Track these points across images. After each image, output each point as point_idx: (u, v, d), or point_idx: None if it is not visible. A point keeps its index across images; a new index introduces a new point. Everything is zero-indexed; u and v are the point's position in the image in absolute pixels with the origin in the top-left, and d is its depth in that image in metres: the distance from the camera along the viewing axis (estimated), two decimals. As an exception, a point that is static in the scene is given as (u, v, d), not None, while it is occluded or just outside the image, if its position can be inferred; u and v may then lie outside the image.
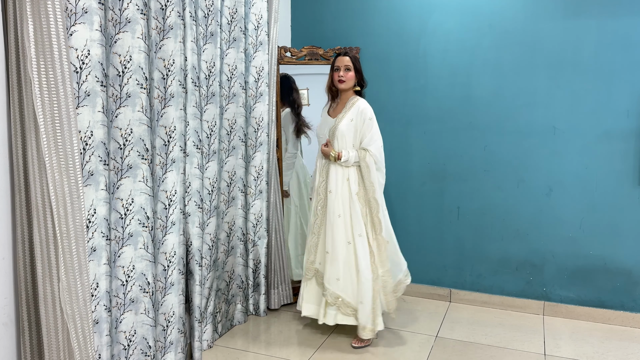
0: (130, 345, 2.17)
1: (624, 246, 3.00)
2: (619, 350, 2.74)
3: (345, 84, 2.68)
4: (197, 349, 2.53)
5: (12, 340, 1.80)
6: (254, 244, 3.04)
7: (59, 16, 1.65)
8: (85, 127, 1.87)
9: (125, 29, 2.01)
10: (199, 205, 2.50)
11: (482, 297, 3.32)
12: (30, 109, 1.68)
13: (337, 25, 3.50)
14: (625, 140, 2.94)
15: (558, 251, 3.13)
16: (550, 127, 3.08)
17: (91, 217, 1.91)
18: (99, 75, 1.89)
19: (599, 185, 3.02)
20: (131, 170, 2.10)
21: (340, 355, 2.66)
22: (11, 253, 1.79)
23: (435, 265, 3.43)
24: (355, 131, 2.67)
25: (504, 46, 3.13)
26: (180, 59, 2.28)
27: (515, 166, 3.17)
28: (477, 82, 3.20)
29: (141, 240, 2.15)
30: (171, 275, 2.33)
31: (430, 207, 3.39)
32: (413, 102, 3.35)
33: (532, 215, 3.17)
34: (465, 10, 3.19)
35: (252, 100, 2.96)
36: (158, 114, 2.23)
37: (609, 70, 2.94)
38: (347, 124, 2.65)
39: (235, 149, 2.88)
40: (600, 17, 2.93)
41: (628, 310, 3.03)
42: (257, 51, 2.94)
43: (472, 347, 2.76)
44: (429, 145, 3.35)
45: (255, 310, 3.11)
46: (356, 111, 2.66)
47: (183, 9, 2.29)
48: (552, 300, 3.18)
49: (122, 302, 2.12)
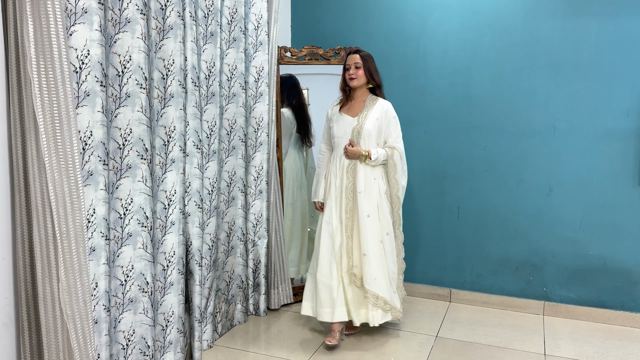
0: (129, 345, 2.17)
1: (624, 246, 3.00)
2: (619, 350, 2.74)
3: (357, 81, 2.67)
4: (197, 348, 2.53)
5: (11, 341, 1.80)
6: (254, 244, 3.04)
7: (58, 16, 1.65)
8: (84, 127, 1.87)
9: (125, 29, 2.01)
10: (198, 205, 2.50)
11: (482, 297, 3.32)
12: (30, 109, 1.68)
13: (337, 25, 3.50)
14: (625, 140, 2.94)
15: (558, 251, 3.13)
16: (550, 127, 3.08)
17: (90, 217, 1.91)
18: (98, 75, 1.89)
19: (599, 185, 3.02)
20: (130, 170, 2.10)
21: (340, 355, 2.66)
22: (11, 253, 1.79)
23: (435, 265, 3.43)
24: (380, 130, 2.67)
25: (504, 46, 3.13)
26: (180, 59, 2.28)
27: (515, 166, 3.17)
28: (477, 82, 3.20)
29: (140, 240, 2.15)
30: (170, 275, 2.33)
31: (430, 207, 3.39)
32: (413, 102, 3.35)
33: (532, 215, 3.17)
34: (465, 10, 3.19)
35: (252, 100, 2.96)
36: (158, 114, 2.23)
37: (609, 70, 2.93)
38: (372, 122, 2.64)
39: (235, 149, 2.88)
40: (601, 17, 2.93)
41: (628, 310, 3.03)
42: (257, 51, 2.94)
43: (472, 347, 2.76)
44: (429, 146, 3.35)
45: (255, 310, 3.11)
46: (380, 110, 2.66)
47: (183, 9, 2.29)
48: (552, 300, 3.18)
49: (121, 302, 2.13)
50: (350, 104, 2.74)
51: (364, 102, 2.71)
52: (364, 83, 2.69)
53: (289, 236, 3.39)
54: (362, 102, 2.71)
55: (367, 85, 2.71)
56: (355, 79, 2.67)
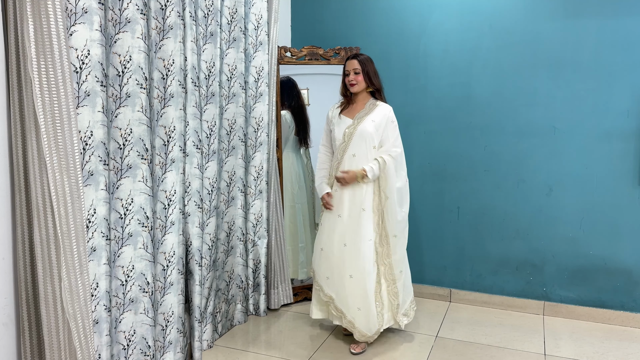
0: (130, 345, 2.17)
1: (624, 246, 3.00)
2: (619, 350, 2.74)
3: (357, 87, 2.66)
4: (197, 348, 2.53)
5: (12, 341, 1.80)
6: (253, 244, 3.04)
7: (59, 16, 1.65)
8: (85, 127, 1.87)
9: (125, 29, 2.01)
10: (198, 205, 2.50)
11: (482, 297, 3.32)
12: (30, 109, 1.68)
13: (337, 25, 3.50)
14: (625, 140, 2.94)
15: (558, 251, 3.14)
16: (550, 127, 3.08)
17: (91, 217, 1.91)
18: (98, 75, 1.89)
19: (599, 185, 3.02)
20: (131, 170, 2.10)
21: (340, 355, 2.66)
22: (11, 253, 1.79)
23: (435, 265, 3.43)
24: (376, 133, 2.61)
25: (504, 46, 3.13)
26: (180, 59, 2.28)
27: (515, 166, 3.17)
28: (477, 82, 3.20)
29: (140, 240, 2.15)
30: (170, 275, 2.33)
31: (430, 207, 3.39)
32: (413, 102, 3.35)
33: (532, 215, 3.17)
34: (465, 10, 3.19)
35: (252, 100, 2.96)
36: (158, 114, 2.23)
37: (609, 70, 2.93)
38: (368, 124, 2.61)
39: (235, 149, 2.88)
40: (600, 17, 2.93)
41: (628, 310, 3.03)
42: (257, 51, 2.94)
43: (472, 347, 2.76)
44: (429, 145, 3.35)
45: (255, 310, 3.11)
46: (379, 113, 2.63)
47: (183, 9, 2.29)
48: (552, 300, 3.18)
49: (122, 302, 2.13)
50: (351, 107, 2.73)
51: (364, 105, 2.70)
52: (365, 88, 2.69)
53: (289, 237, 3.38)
54: (362, 106, 2.70)
55: (368, 89, 2.71)
56: (355, 85, 2.66)
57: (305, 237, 3.42)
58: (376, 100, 2.70)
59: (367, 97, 2.72)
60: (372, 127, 2.61)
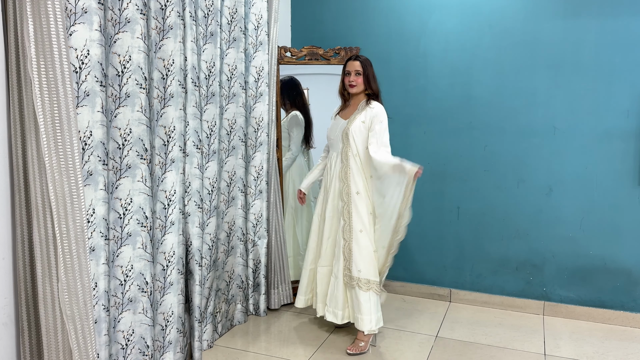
0: (129, 344, 2.17)
1: (624, 246, 3.00)
2: (619, 350, 2.74)
3: (356, 88, 2.68)
4: (197, 348, 2.53)
5: (11, 341, 1.80)
6: (254, 244, 3.04)
7: (59, 16, 1.65)
8: (84, 127, 1.87)
9: (125, 29, 2.01)
10: (198, 205, 2.50)
11: (482, 297, 3.32)
12: (30, 109, 1.68)
13: (337, 25, 3.50)
14: (625, 140, 2.94)
15: (558, 251, 3.13)
16: (550, 127, 3.08)
17: (90, 217, 1.91)
18: (98, 75, 1.89)
19: (599, 185, 3.02)
20: (130, 170, 2.10)
21: (340, 355, 2.66)
22: (11, 253, 1.79)
23: (435, 265, 3.43)
24: (365, 133, 2.64)
25: (504, 46, 3.13)
26: (180, 59, 2.28)
27: (515, 166, 3.17)
28: (477, 82, 3.20)
29: (140, 240, 2.15)
30: (170, 275, 2.33)
31: (430, 207, 3.39)
32: (413, 102, 3.35)
33: (532, 215, 3.17)
34: (465, 10, 3.18)
35: (252, 100, 2.96)
36: (157, 114, 2.23)
37: (609, 70, 2.93)
38: (358, 125, 2.64)
39: (235, 149, 2.88)
40: (600, 17, 2.93)
41: (628, 310, 3.03)
42: (257, 51, 2.94)
43: (472, 347, 2.76)
44: (429, 146, 3.35)
45: (255, 310, 3.11)
46: (369, 113, 2.64)
47: (183, 9, 2.29)
48: (552, 300, 3.18)
49: (121, 302, 2.13)
50: (347, 109, 2.76)
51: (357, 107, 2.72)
52: (362, 90, 2.70)
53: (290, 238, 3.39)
54: (356, 106, 2.72)
55: (365, 91, 2.71)
56: (355, 86, 2.67)
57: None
58: (369, 102, 2.70)
59: (363, 98, 2.73)
60: (362, 128, 2.64)
